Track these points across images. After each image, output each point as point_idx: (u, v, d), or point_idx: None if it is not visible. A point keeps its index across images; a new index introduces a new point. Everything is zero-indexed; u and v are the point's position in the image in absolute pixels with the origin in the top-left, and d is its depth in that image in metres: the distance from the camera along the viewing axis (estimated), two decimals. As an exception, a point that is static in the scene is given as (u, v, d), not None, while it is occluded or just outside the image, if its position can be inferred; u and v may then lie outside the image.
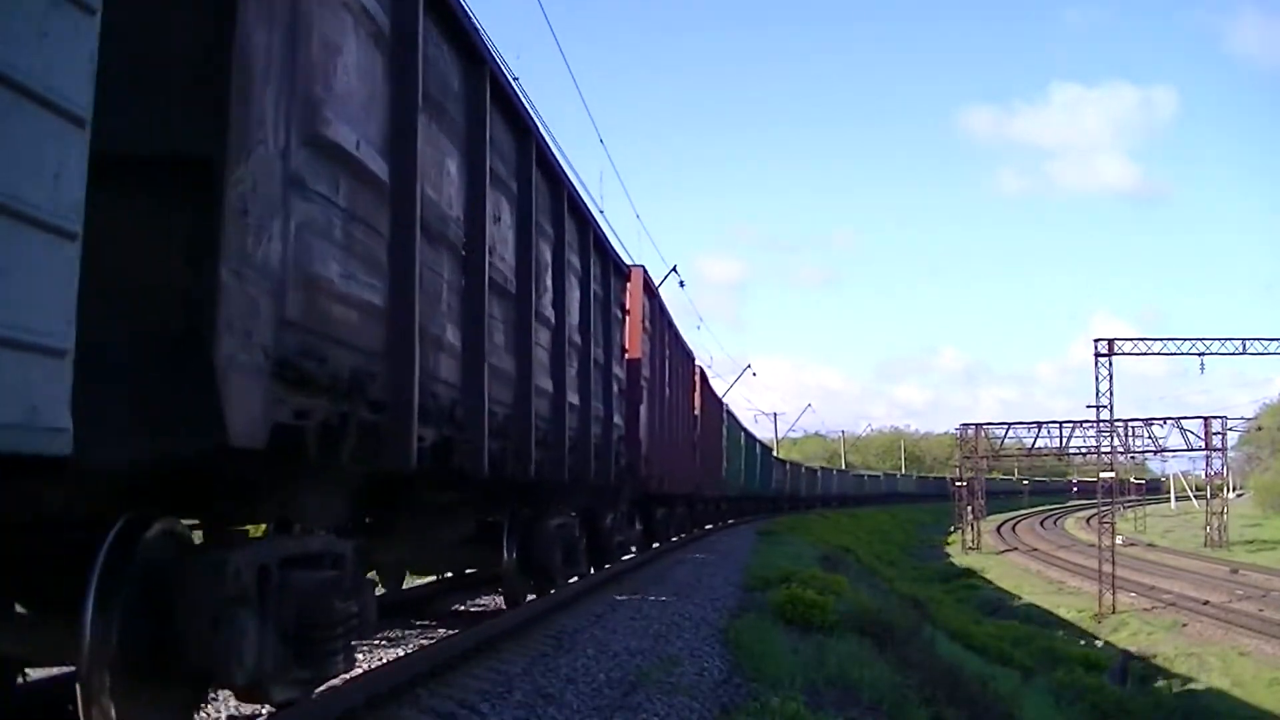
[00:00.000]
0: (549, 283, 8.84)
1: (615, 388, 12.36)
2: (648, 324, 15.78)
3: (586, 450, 10.16)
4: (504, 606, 9.63)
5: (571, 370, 9.69)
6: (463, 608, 10.79)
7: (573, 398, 9.71)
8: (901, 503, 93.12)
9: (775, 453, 59.44)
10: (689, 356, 23.62)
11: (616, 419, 12.36)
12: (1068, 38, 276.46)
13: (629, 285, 13.94)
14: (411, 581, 11.74)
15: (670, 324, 19.36)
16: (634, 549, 17.05)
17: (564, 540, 10.25)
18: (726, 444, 31.78)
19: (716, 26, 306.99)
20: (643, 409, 14.91)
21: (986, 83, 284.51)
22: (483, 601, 11.09)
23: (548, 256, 8.86)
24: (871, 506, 77.67)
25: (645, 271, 15.75)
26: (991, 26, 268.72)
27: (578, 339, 10.03)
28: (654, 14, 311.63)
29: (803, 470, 62.58)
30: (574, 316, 9.88)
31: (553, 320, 8.93)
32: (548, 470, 8.69)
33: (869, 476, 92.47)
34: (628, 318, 13.82)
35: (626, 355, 13.63)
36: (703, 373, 26.56)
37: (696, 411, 24.06)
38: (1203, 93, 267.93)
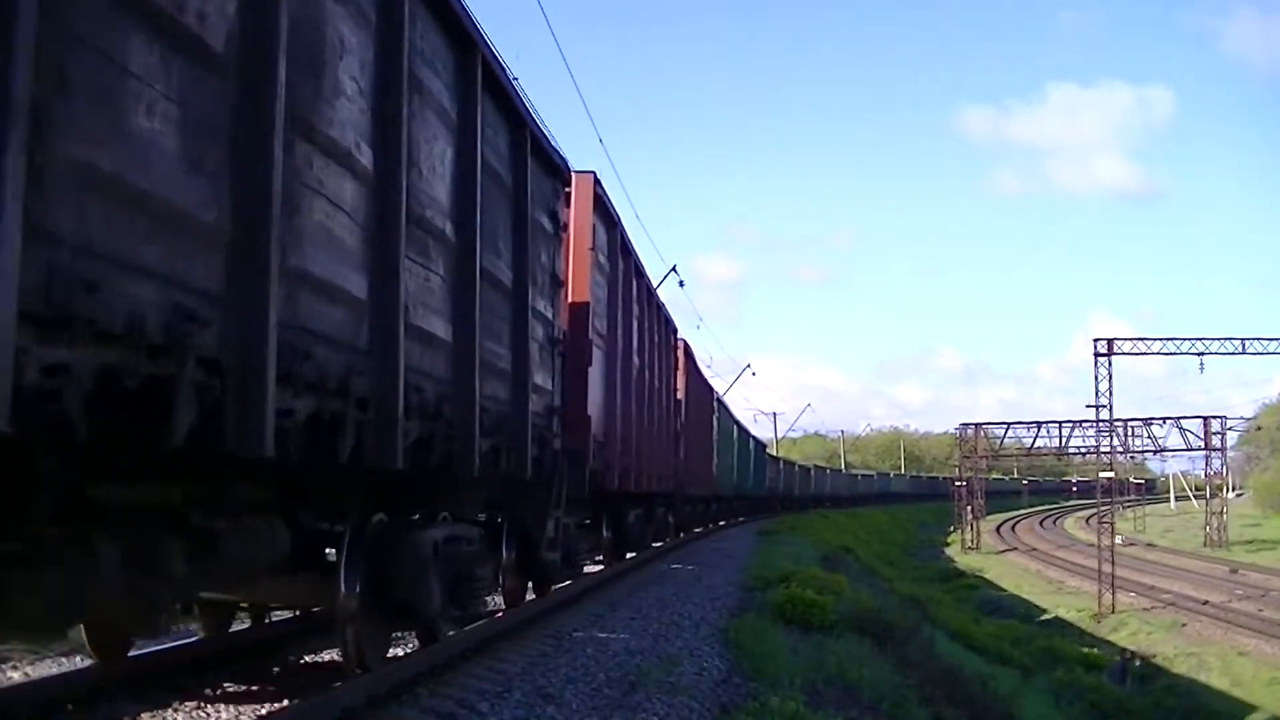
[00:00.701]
0: (356, 107, 4.90)
1: (540, 333, 8.44)
2: (603, 260, 12.26)
3: (482, 422, 6.58)
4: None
5: (434, 276, 5.97)
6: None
7: (440, 328, 6.05)
8: (893, 503, 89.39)
9: (774, 451, 59.28)
10: (670, 326, 19.39)
11: (542, 381, 8.48)
12: (1063, 39, 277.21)
13: (570, 196, 10.11)
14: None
15: (642, 275, 15.57)
16: (601, 561, 14.74)
17: (453, 562, 6.87)
18: (717, 437, 29.23)
19: (714, 29, 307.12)
20: (594, 374, 11.37)
21: (982, 83, 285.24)
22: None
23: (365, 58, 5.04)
24: (857, 507, 73.67)
25: (599, 185, 11.76)
26: (986, 28, 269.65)
27: (447, 229, 6.20)
28: (652, 15, 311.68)
29: (796, 468, 59.91)
30: (437, 188, 6.04)
31: (375, 174, 5.12)
32: (416, 455, 5.61)
33: (862, 476, 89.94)
34: (567, 240, 9.87)
35: (567, 295, 9.71)
36: (688, 349, 22.34)
37: (680, 395, 20.33)
38: (1199, 93, 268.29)
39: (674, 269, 32.81)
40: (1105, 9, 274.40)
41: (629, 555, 16.15)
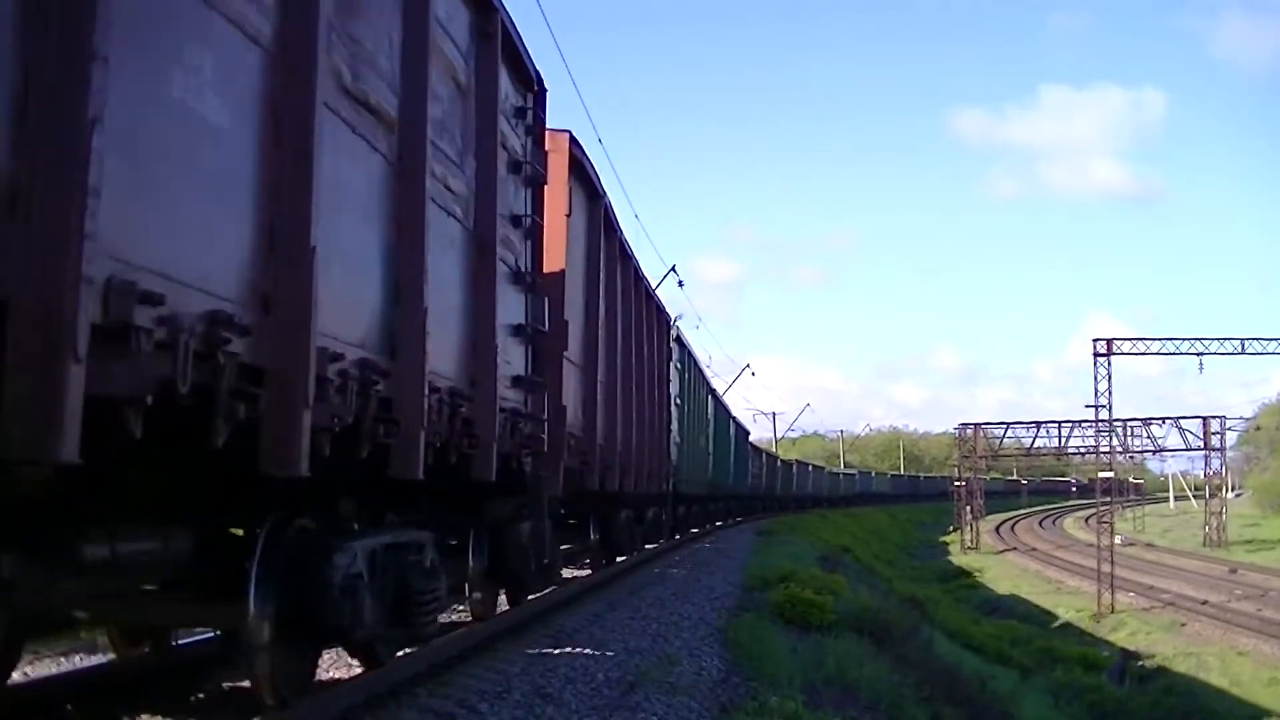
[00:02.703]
0: None
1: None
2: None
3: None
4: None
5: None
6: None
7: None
8: (872, 504, 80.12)
9: (775, 451, 58.22)
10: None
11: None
12: (1054, 42, 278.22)
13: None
14: None
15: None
16: (589, 566, 14.71)
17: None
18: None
19: (712, 31, 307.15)
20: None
21: (975, 86, 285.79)
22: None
23: None
24: (831, 509, 62.74)
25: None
26: (978, 31, 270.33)
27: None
28: (650, 16, 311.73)
29: (779, 464, 53.41)
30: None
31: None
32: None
33: (844, 475, 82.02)
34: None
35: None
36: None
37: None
38: (1191, 94, 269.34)
39: (673, 269, 32.74)
40: (1095, 12, 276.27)
41: (619, 559, 15.44)
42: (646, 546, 18.27)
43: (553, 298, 8.91)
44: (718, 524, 32.34)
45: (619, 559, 15.44)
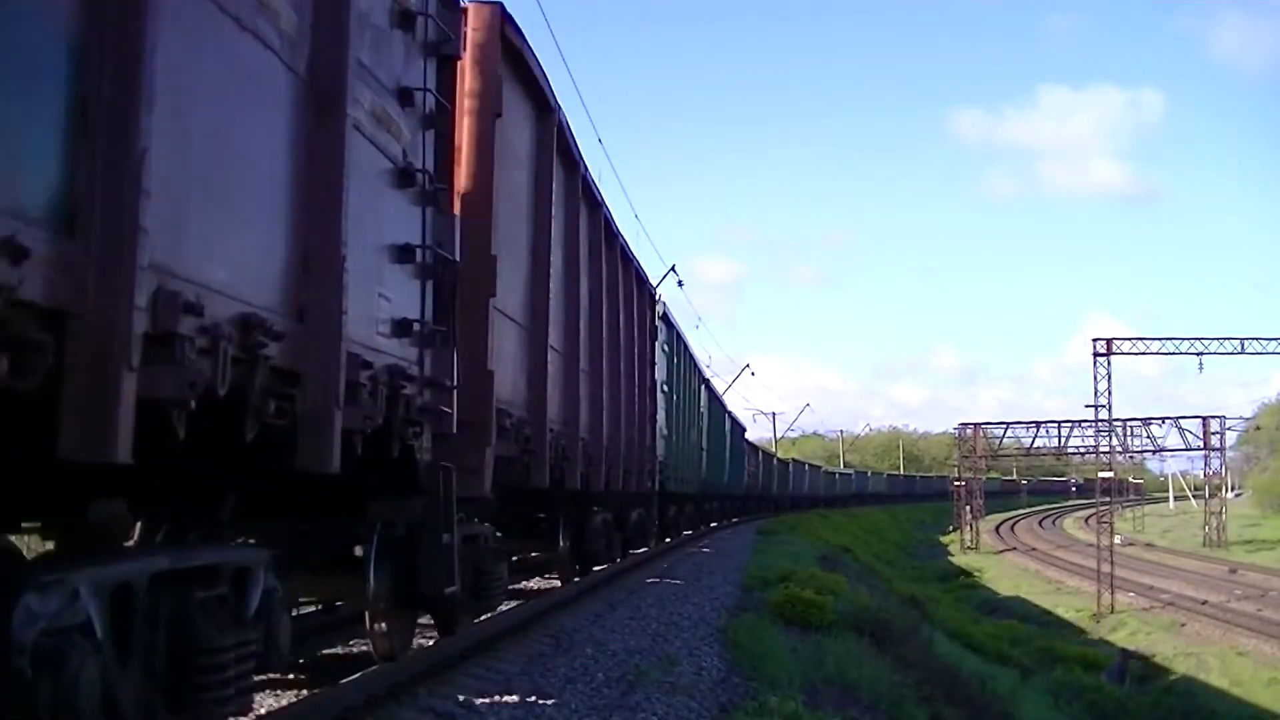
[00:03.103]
0: None
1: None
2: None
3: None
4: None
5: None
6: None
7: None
8: (868, 505, 77.79)
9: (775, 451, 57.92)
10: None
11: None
12: (1052, 42, 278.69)
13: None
14: None
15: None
16: (557, 578, 12.55)
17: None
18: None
19: (709, 32, 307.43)
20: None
21: (973, 86, 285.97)
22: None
23: None
24: (826, 509, 60.30)
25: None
26: (975, 31, 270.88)
27: None
28: (647, 16, 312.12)
29: (775, 463, 50.90)
30: None
31: None
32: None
33: (840, 475, 79.43)
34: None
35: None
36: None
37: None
38: (1189, 94, 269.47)
39: (673, 269, 32.66)
40: (1092, 13, 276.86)
41: (596, 568, 13.15)
42: (634, 552, 16.29)
43: (473, 223, 6.63)
44: (713, 524, 30.75)
45: (596, 568, 13.13)
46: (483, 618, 8.14)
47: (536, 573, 13.42)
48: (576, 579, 12.38)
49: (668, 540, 21.31)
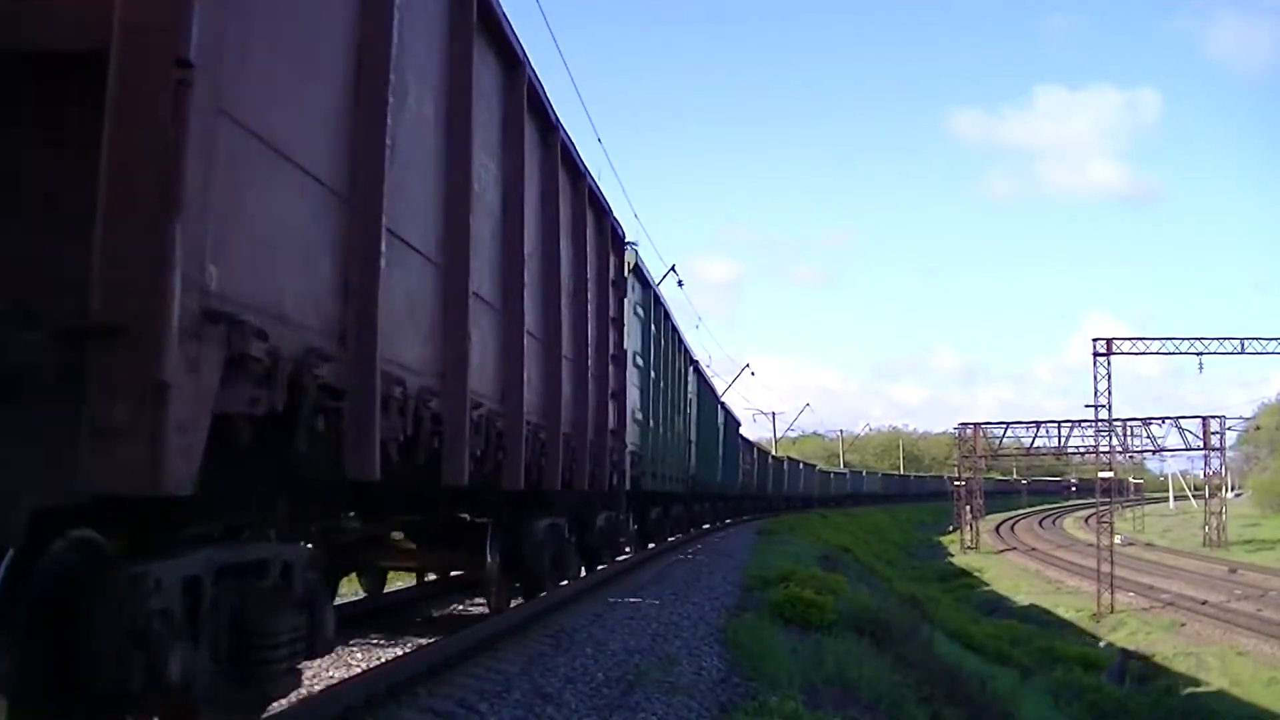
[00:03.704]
0: None
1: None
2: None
3: None
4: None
5: None
6: (458, 609, 10.42)
7: None
8: (865, 504, 76.24)
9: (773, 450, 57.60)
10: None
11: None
12: (1048, 43, 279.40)
13: None
14: (393, 584, 10.73)
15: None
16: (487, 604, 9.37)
17: None
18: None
19: (708, 32, 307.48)
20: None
21: (971, 86, 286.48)
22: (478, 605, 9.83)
23: None
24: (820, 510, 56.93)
25: None
26: (973, 32, 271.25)
27: None
28: (645, 17, 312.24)
29: (770, 461, 47.85)
30: None
31: None
32: None
33: (835, 475, 76.68)
34: None
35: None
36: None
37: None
38: (1187, 95, 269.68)
39: (673, 268, 32.63)
40: (1089, 14, 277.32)
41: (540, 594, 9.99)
42: (599, 567, 13.27)
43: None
44: (705, 526, 28.53)
45: (540, 594, 9.88)
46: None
47: (463, 593, 10.92)
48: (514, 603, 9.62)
49: (651, 546, 18.90)
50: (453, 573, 10.71)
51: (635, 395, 14.19)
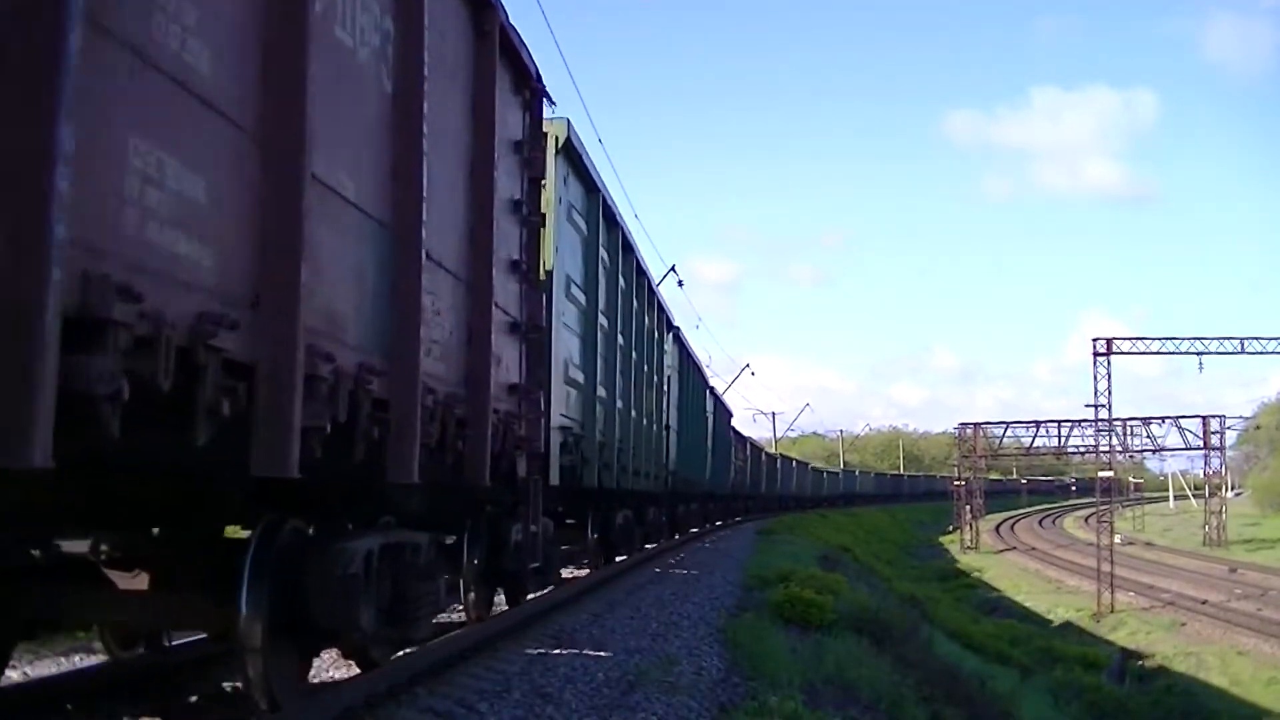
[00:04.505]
0: None
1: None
2: None
3: None
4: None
5: None
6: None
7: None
8: (859, 505, 74.47)
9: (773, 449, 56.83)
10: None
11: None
12: (1042, 45, 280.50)
13: None
14: None
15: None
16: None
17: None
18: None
19: (707, 36, 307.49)
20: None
21: (967, 88, 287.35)
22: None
23: None
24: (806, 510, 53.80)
25: None
26: (967, 33, 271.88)
27: None
28: (647, 20, 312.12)
29: (763, 457, 45.30)
30: None
31: None
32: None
33: (828, 474, 74.62)
34: None
35: None
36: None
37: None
38: (1183, 95, 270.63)
39: (673, 269, 32.58)
40: (1082, 15, 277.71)
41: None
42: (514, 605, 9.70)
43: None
44: (693, 530, 25.19)
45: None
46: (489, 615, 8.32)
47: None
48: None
49: (621, 556, 15.17)
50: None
51: (573, 345, 10.54)
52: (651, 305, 16.12)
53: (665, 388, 17.37)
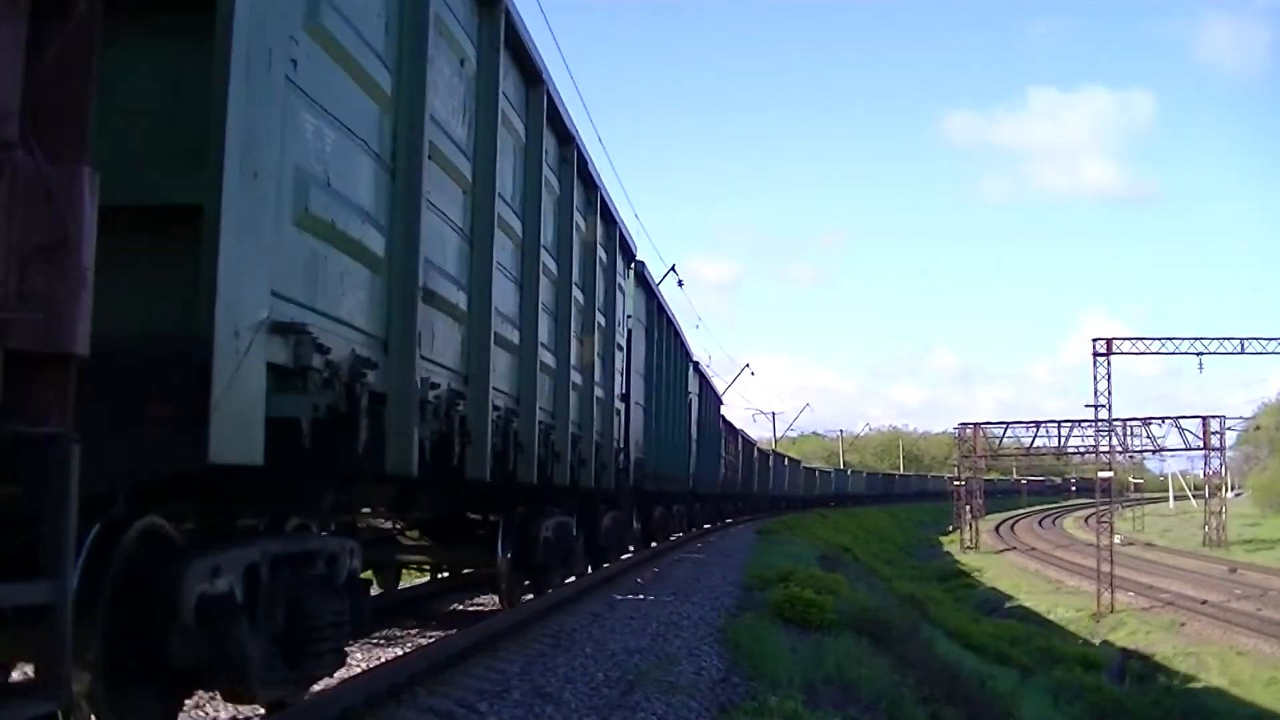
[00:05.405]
0: None
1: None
2: None
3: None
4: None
5: None
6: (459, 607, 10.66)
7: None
8: (847, 505, 71.20)
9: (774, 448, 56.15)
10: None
11: None
12: (1039, 46, 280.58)
13: None
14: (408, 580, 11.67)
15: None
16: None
17: None
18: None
19: (707, 36, 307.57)
20: None
21: (964, 89, 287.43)
22: (480, 601, 10.99)
23: None
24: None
25: None
26: (965, 35, 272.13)
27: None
28: (646, 20, 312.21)
29: (755, 454, 41.46)
30: None
31: None
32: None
33: (820, 474, 71.61)
34: None
35: None
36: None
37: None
38: (1179, 96, 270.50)
39: (673, 268, 32.51)
40: (1077, 16, 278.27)
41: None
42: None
43: None
44: (675, 535, 22.37)
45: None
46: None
47: None
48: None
49: (584, 574, 12.36)
50: (465, 570, 10.60)
51: (509, 291, 7.57)
52: (624, 254, 12.20)
53: (620, 341, 12.66)
